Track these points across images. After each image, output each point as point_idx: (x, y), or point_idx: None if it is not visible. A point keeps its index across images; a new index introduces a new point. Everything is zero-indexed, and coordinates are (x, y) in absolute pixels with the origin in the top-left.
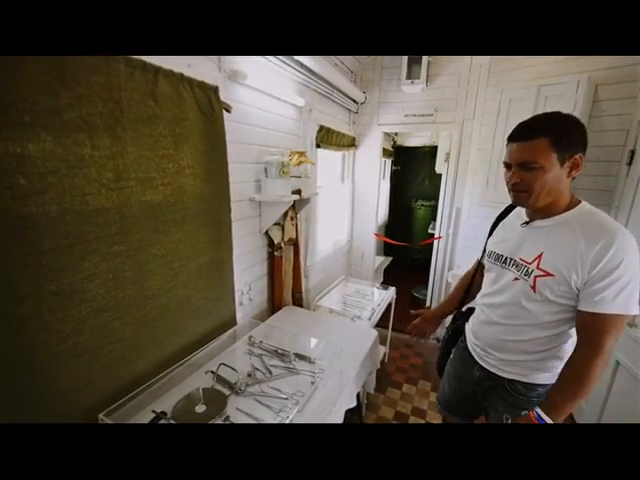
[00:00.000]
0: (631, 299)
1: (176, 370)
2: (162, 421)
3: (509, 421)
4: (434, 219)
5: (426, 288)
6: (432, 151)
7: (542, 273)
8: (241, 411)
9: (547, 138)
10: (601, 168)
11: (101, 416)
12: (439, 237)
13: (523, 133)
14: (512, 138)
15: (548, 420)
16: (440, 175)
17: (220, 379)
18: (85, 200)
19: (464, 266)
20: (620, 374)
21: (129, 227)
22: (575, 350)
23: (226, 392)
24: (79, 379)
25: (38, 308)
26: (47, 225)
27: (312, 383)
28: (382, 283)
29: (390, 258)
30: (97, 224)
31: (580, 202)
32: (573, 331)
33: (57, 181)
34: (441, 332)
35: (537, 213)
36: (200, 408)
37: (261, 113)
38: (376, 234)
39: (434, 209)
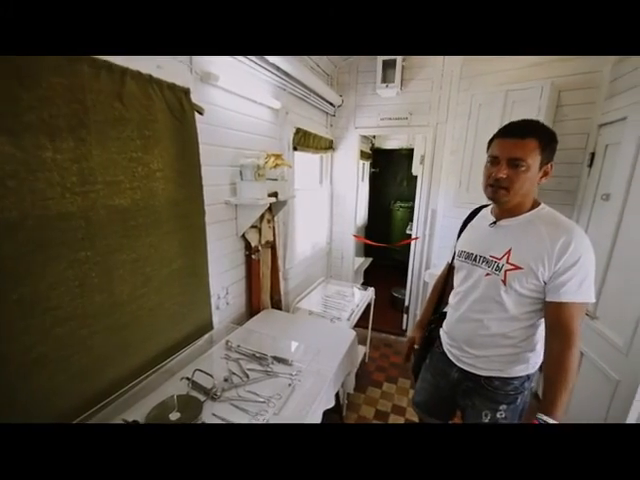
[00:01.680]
0: (590, 289)
1: (149, 378)
2: None
3: (488, 417)
4: (412, 220)
5: (405, 288)
6: (409, 153)
7: (512, 267)
8: (217, 416)
9: (537, 140)
10: (565, 170)
11: None
12: (416, 238)
13: (519, 131)
14: (506, 134)
15: (552, 421)
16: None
17: (195, 385)
18: (47, 205)
19: (440, 265)
20: (584, 365)
21: (96, 232)
22: (549, 343)
23: (201, 398)
24: (45, 391)
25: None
26: (7, 231)
27: (289, 385)
28: (362, 284)
29: (370, 259)
30: (61, 229)
31: (540, 204)
32: (541, 322)
33: (16, 185)
34: None
35: (504, 213)
36: (174, 415)
37: (235, 115)
38: (355, 235)
39: (412, 210)
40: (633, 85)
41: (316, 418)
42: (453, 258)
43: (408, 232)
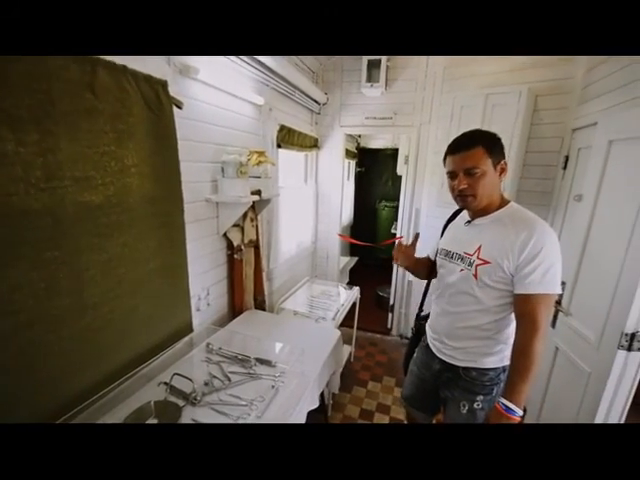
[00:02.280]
0: (555, 280)
1: (125, 384)
2: None
3: (465, 407)
4: (396, 219)
5: (390, 287)
6: (394, 153)
7: (481, 262)
8: (197, 422)
9: (483, 147)
10: (541, 172)
11: None
12: (400, 237)
13: (464, 144)
14: (454, 150)
15: (513, 406)
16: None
17: (174, 390)
18: (10, 202)
19: None
20: (559, 359)
21: (64, 231)
22: (517, 333)
23: (180, 403)
24: (6, 400)
25: None
26: None
27: (273, 387)
28: (347, 283)
29: (356, 258)
30: (25, 228)
31: (509, 202)
32: (513, 316)
33: None
34: (407, 328)
35: (477, 213)
36: (152, 422)
37: (217, 110)
38: (340, 235)
39: (397, 210)
40: (603, 92)
41: (300, 419)
42: (436, 254)
43: (393, 231)
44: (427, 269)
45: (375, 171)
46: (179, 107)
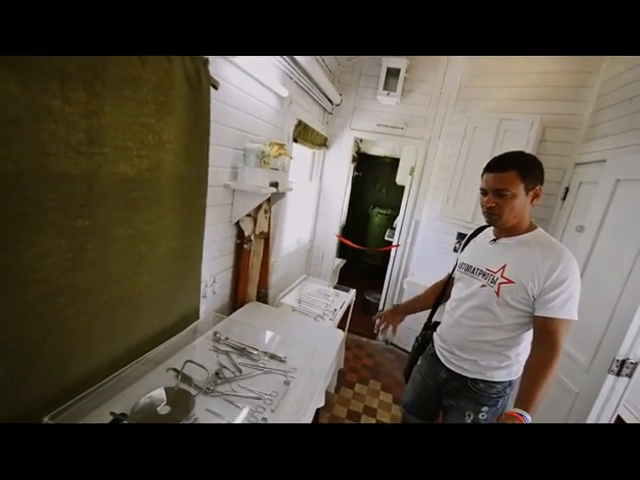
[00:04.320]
0: (574, 307)
1: (134, 366)
2: (124, 422)
3: (470, 417)
4: (390, 227)
5: (378, 292)
6: (392, 162)
7: (505, 280)
8: (211, 412)
9: (516, 171)
10: (542, 200)
11: (46, 419)
12: (397, 245)
13: (498, 166)
14: (489, 169)
15: (525, 413)
16: (398, 187)
17: (185, 377)
18: (48, 162)
19: (418, 274)
20: None
21: (97, 200)
22: (534, 350)
23: (192, 392)
24: (18, 376)
25: None
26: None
27: (285, 383)
28: (338, 284)
29: (344, 260)
30: (60, 192)
31: (537, 227)
32: (527, 334)
33: (18, 134)
34: (391, 335)
35: (503, 232)
36: (163, 409)
37: (244, 96)
38: (338, 236)
39: (389, 218)
40: (612, 132)
41: (310, 416)
42: (454, 269)
43: (387, 239)
44: (434, 297)
45: (371, 177)
46: (215, 87)
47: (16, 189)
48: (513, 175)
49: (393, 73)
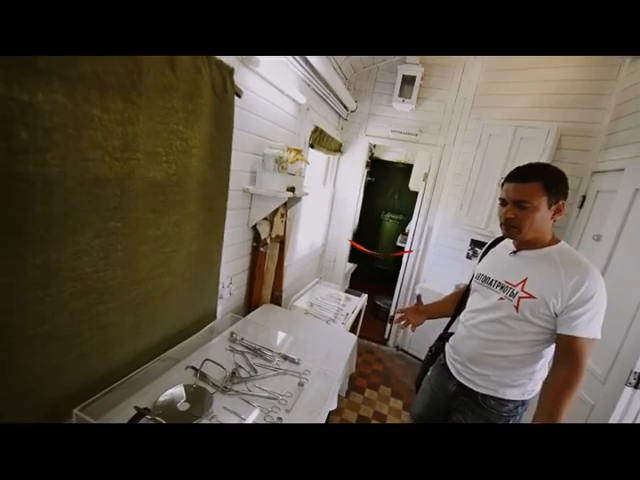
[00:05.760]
0: (599, 326)
1: (155, 363)
2: (147, 417)
3: None
4: (402, 233)
5: (388, 297)
6: (405, 168)
7: (525, 295)
8: (229, 410)
9: (540, 183)
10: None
11: (76, 411)
12: (410, 251)
13: (521, 176)
14: (510, 179)
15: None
16: (410, 192)
17: (203, 376)
18: (87, 166)
19: (430, 281)
20: None
21: (129, 203)
22: (557, 368)
23: (210, 390)
24: (51, 368)
25: (18, 283)
26: (44, 189)
27: (300, 384)
28: (349, 288)
29: (355, 265)
30: (96, 195)
31: (560, 241)
32: (545, 352)
33: (62, 140)
34: (403, 340)
35: (523, 244)
36: (183, 406)
37: (265, 103)
38: (351, 240)
39: (401, 223)
40: (632, 141)
41: (323, 418)
42: (471, 280)
43: (399, 244)
44: (454, 305)
45: (384, 182)
46: (239, 95)
47: (58, 191)
48: (536, 187)
49: (408, 80)
